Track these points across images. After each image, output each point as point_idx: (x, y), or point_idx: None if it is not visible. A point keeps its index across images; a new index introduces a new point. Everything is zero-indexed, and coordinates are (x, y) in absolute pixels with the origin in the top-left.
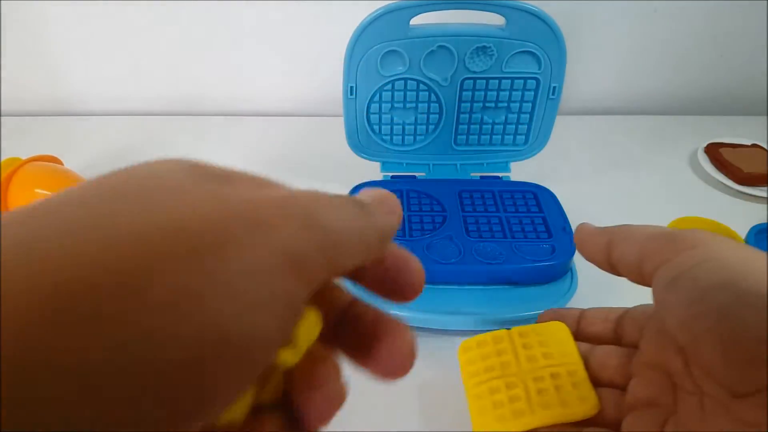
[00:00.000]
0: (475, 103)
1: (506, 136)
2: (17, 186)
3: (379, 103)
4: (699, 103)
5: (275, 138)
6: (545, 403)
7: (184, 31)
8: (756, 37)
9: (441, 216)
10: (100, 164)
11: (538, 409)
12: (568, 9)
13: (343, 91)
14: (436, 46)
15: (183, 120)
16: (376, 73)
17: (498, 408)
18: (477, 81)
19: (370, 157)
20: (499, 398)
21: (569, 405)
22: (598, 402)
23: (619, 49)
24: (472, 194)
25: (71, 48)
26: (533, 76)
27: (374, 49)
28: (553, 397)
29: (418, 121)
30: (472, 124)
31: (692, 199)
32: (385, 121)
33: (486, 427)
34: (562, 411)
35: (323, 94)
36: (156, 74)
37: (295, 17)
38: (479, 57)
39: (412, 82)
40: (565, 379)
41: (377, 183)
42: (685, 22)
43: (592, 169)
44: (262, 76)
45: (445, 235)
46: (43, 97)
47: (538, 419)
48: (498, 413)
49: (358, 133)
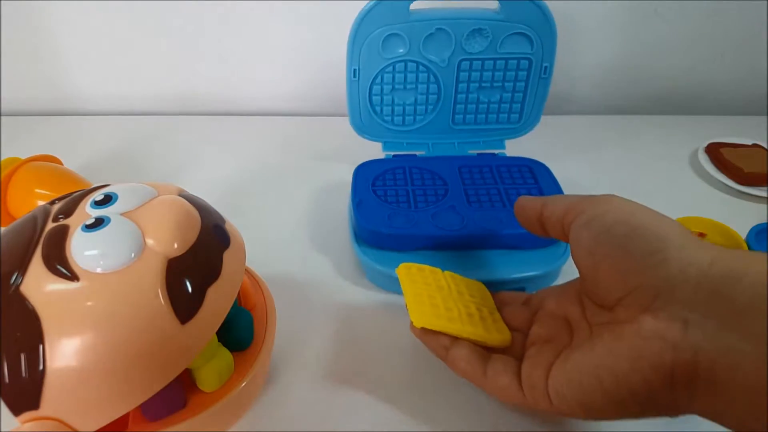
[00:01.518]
0: (472, 83)
1: (501, 115)
2: (17, 186)
3: (380, 84)
4: (699, 103)
5: (275, 138)
6: (472, 323)
7: (184, 31)
8: (756, 37)
9: (443, 189)
10: (100, 164)
11: (467, 324)
12: (569, 9)
13: (347, 73)
14: (435, 29)
15: (183, 120)
16: (378, 55)
17: (434, 309)
18: (473, 62)
19: (372, 138)
20: (435, 303)
21: (490, 332)
22: (511, 337)
23: (619, 48)
24: (471, 169)
25: (71, 48)
26: (526, 56)
27: (376, 33)
28: (478, 322)
29: (417, 101)
30: (468, 104)
31: (692, 199)
32: (386, 102)
33: (424, 321)
34: (485, 334)
35: (322, 94)
36: (156, 74)
37: (295, 17)
38: (475, 39)
39: (412, 64)
40: (487, 314)
41: (380, 161)
42: (685, 22)
43: (591, 169)
44: (262, 76)
45: (448, 205)
46: (43, 97)
47: (467, 331)
48: (435, 312)
49: (361, 115)
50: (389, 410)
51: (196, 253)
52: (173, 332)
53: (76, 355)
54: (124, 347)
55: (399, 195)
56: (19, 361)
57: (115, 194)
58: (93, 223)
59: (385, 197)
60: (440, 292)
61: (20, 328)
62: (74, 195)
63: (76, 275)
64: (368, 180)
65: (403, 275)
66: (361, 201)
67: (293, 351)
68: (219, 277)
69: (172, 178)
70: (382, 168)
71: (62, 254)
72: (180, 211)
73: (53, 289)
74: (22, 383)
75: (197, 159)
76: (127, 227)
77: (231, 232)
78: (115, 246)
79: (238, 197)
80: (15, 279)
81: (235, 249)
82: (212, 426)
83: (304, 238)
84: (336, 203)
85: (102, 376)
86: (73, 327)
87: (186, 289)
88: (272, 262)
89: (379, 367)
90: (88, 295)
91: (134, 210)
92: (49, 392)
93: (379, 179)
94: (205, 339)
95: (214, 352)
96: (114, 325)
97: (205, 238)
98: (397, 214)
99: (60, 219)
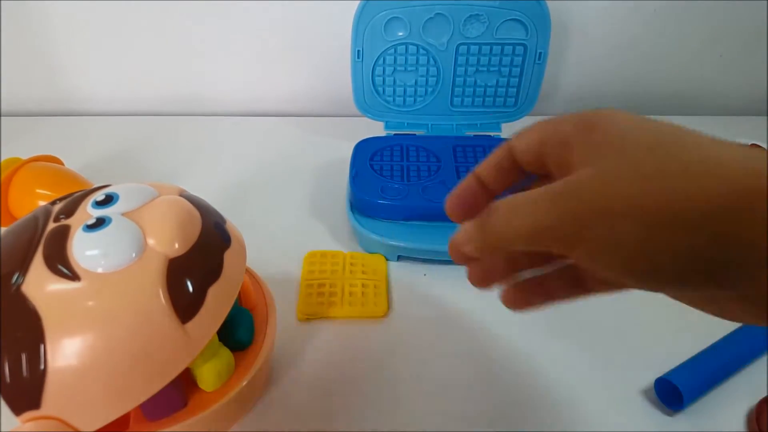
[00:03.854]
0: (470, 67)
1: (497, 98)
2: (17, 186)
3: (383, 66)
4: (699, 103)
5: (275, 138)
6: (351, 302)
7: (184, 31)
8: (756, 37)
9: (436, 165)
10: (100, 164)
11: (345, 305)
12: (569, 10)
13: (351, 54)
14: (434, 13)
15: (183, 120)
16: (381, 38)
17: (319, 298)
18: (471, 46)
19: (375, 117)
20: (322, 291)
21: (367, 306)
22: (387, 308)
23: (619, 49)
24: (465, 148)
25: (71, 48)
26: (521, 42)
27: (379, 16)
28: (358, 300)
29: (418, 83)
30: (466, 87)
31: None
32: (388, 83)
33: (307, 310)
34: (361, 309)
35: (322, 95)
36: (156, 74)
37: (295, 17)
38: (472, 24)
39: (413, 47)
40: (371, 290)
41: (380, 138)
42: (684, 22)
43: None
44: (262, 76)
45: (438, 180)
46: (43, 97)
47: (344, 313)
48: (318, 301)
49: (365, 94)
50: (389, 410)
51: (197, 253)
52: (174, 332)
53: (77, 355)
54: (125, 347)
55: (394, 169)
56: (20, 360)
57: (116, 194)
58: (94, 223)
59: (381, 171)
60: (332, 276)
61: (21, 327)
62: (75, 195)
63: (77, 275)
64: (367, 155)
65: (306, 263)
66: (358, 173)
67: (293, 351)
68: (220, 277)
69: (173, 178)
70: (381, 144)
71: (63, 254)
72: (181, 211)
73: (54, 288)
74: (23, 383)
75: (197, 159)
76: (128, 227)
77: (232, 231)
78: (116, 246)
79: (238, 197)
80: (16, 279)
81: (236, 249)
82: (212, 426)
83: (305, 238)
84: (336, 203)
85: (103, 375)
86: (74, 327)
87: (187, 288)
88: (272, 262)
89: (379, 366)
90: (89, 294)
91: (135, 210)
92: (50, 392)
93: (377, 155)
94: (206, 339)
95: (214, 351)
96: (115, 325)
97: (206, 237)
98: (390, 186)
99: (61, 219)
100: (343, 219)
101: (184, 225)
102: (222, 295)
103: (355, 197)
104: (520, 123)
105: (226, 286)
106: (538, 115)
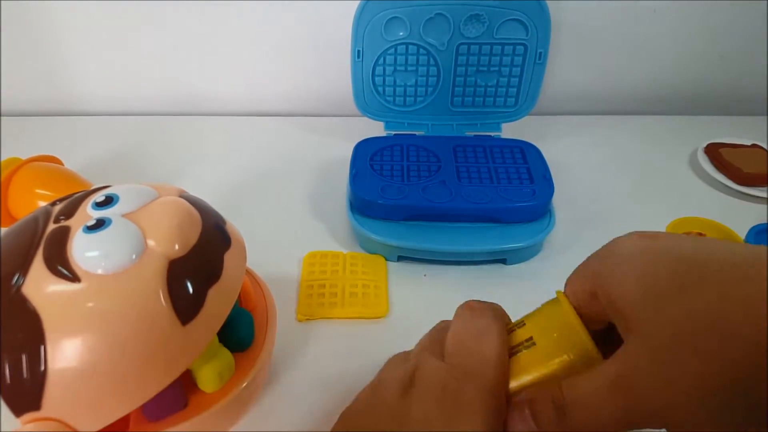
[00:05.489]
0: (470, 66)
1: (498, 98)
2: (17, 186)
3: (383, 66)
4: (699, 103)
5: (275, 138)
6: (352, 303)
7: (185, 31)
8: (756, 37)
9: (436, 165)
10: (99, 164)
11: (346, 306)
12: (569, 10)
13: (351, 54)
14: (434, 13)
15: (183, 120)
16: (381, 37)
17: (319, 299)
18: (471, 46)
19: (374, 117)
20: (322, 292)
21: (368, 306)
22: (388, 308)
23: (619, 49)
24: (465, 148)
25: (71, 48)
26: (521, 42)
27: (379, 16)
28: (359, 300)
29: (418, 83)
30: (467, 87)
31: (692, 199)
32: (388, 83)
33: (307, 311)
34: (362, 310)
35: (322, 95)
36: (155, 74)
37: (295, 17)
38: (473, 24)
39: (413, 47)
40: (372, 290)
41: (380, 138)
42: (684, 22)
43: (591, 170)
44: (261, 76)
45: (438, 180)
46: (43, 97)
47: (345, 313)
48: (318, 302)
49: (365, 94)
50: None
51: (197, 254)
52: (174, 333)
53: (77, 356)
54: (126, 348)
55: (394, 169)
56: (20, 361)
57: (116, 195)
58: (94, 225)
59: (381, 171)
60: (332, 276)
61: (22, 329)
62: (75, 196)
63: (78, 276)
64: (367, 155)
65: (306, 264)
66: (357, 173)
67: (293, 351)
68: (220, 278)
69: (173, 178)
70: (381, 144)
71: (63, 255)
72: (181, 213)
73: (54, 290)
74: (24, 384)
75: (197, 159)
76: (128, 228)
77: (232, 232)
78: (116, 247)
79: (238, 197)
80: (16, 280)
81: (236, 250)
82: (213, 426)
83: (305, 239)
84: (336, 203)
85: (103, 376)
86: (75, 328)
87: (187, 289)
88: (272, 263)
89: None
90: (90, 296)
91: (135, 211)
92: (50, 393)
93: (377, 155)
94: (206, 340)
95: (214, 352)
96: (115, 326)
97: (206, 239)
98: (390, 186)
99: (61, 220)
100: (343, 219)
101: (184, 226)
102: (222, 296)
103: (355, 197)
104: (523, 131)
105: (226, 287)
106: (539, 115)
